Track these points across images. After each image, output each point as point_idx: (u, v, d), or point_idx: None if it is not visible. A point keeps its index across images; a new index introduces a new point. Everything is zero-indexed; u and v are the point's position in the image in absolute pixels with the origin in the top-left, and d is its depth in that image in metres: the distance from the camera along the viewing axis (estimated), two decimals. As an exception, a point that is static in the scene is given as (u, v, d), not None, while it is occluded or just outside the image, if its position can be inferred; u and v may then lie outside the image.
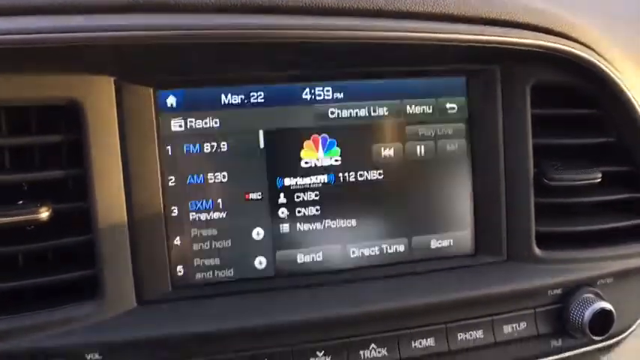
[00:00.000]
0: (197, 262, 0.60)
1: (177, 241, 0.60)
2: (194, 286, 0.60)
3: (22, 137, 0.56)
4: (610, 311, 0.64)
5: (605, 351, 0.71)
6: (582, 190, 0.68)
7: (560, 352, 0.66)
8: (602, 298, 0.65)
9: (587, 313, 0.63)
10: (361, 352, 0.59)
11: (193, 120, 0.59)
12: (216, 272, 0.60)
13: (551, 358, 0.66)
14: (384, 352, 0.59)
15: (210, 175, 0.59)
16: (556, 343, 0.66)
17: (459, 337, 0.62)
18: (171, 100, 0.58)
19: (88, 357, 0.55)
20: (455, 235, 0.66)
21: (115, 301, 0.57)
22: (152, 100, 0.58)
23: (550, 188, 0.66)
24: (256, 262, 0.61)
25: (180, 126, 0.59)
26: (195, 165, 0.59)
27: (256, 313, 0.58)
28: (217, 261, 0.60)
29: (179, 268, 0.60)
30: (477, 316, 0.62)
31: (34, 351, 0.54)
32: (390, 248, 0.64)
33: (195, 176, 0.59)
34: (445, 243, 0.65)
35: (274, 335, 0.58)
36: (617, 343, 0.71)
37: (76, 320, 0.55)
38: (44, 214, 0.54)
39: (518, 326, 0.64)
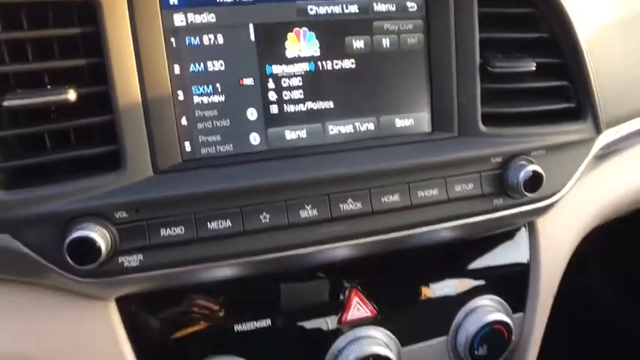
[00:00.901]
0: (201, 138, 0.70)
1: (183, 121, 0.69)
2: (200, 159, 0.70)
3: (44, 30, 0.65)
4: (540, 173, 0.77)
5: (538, 212, 0.86)
6: (520, 78, 0.81)
7: (501, 210, 0.80)
8: (534, 164, 0.79)
9: (522, 175, 0.76)
10: (341, 205, 0.71)
11: (192, 15, 0.68)
12: (217, 147, 0.71)
13: (494, 215, 0.80)
14: (359, 205, 0.72)
15: (209, 64, 0.69)
16: (497, 201, 0.79)
17: (419, 194, 0.74)
18: (173, -2, 0.68)
19: (117, 215, 0.66)
20: (415, 116, 0.78)
21: (135, 171, 0.66)
22: (157, -3, 0.67)
23: (493, 75, 0.79)
24: (251, 138, 0.72)
25: (182, 21, 0.68)
26: (196, 55, 0.69)
27: (253, 175, 0.69)
28: (218, 137, 0.71)
29: (186, 144, 0.70)
30: (433, 178, 0.75)
31: (67, 213, 0.64)
32: (362, 126, 0.76)
33: (196, 65, 0.69)
34: (407, 122, 0.78)
35: (269, 193, 0.69)
36: (548, 207, 0.85)
37: (103, 187, 0.65)
38: (72, 94, 0.63)
39: (467, 186, 0.77)
